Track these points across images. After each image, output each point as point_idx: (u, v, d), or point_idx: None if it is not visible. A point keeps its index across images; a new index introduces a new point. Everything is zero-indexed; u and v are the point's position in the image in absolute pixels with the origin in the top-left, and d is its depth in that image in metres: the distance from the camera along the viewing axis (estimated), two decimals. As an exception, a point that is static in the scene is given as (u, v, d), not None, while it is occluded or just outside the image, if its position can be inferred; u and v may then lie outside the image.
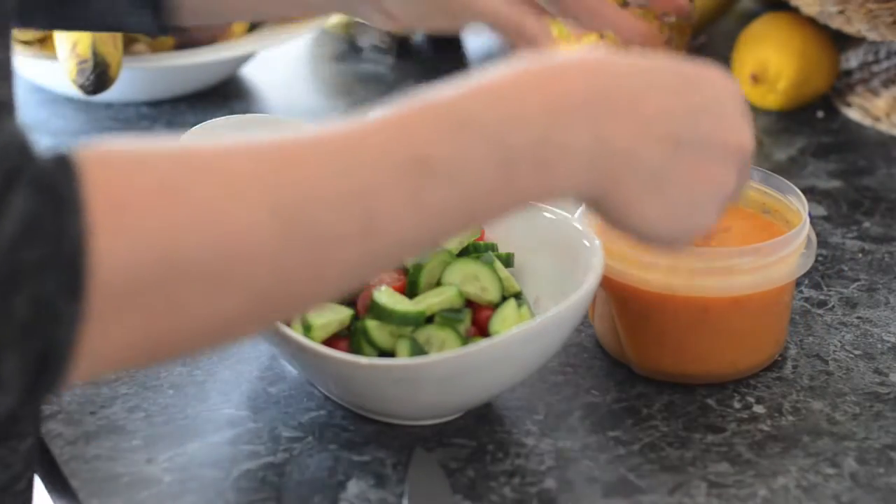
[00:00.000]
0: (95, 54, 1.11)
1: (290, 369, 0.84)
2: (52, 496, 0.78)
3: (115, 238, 0.53)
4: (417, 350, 0.76)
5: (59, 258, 0.52)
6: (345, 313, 0.78)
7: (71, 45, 1.12)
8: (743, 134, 0.67)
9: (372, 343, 0.77)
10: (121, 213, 0.53)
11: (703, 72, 0.68)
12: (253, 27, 1.29)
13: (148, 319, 0.54)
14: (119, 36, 1.13)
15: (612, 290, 0.83)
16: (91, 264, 0.52)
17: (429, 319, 0.78)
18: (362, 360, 0.73)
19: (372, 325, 0.77)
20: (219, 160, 0.57)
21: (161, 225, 0.54)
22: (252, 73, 1.29)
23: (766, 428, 0.80)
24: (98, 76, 1.11)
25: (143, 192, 0.54)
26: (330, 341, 0.77)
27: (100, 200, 0.53)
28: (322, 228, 0.57)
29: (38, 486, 0.80)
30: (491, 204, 0.61)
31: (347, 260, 0.58)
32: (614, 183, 0.63)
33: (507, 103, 0.61)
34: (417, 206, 0.58)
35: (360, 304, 0.79)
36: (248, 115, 0.96)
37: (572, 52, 0.64)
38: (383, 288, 0.78)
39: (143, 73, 1.19)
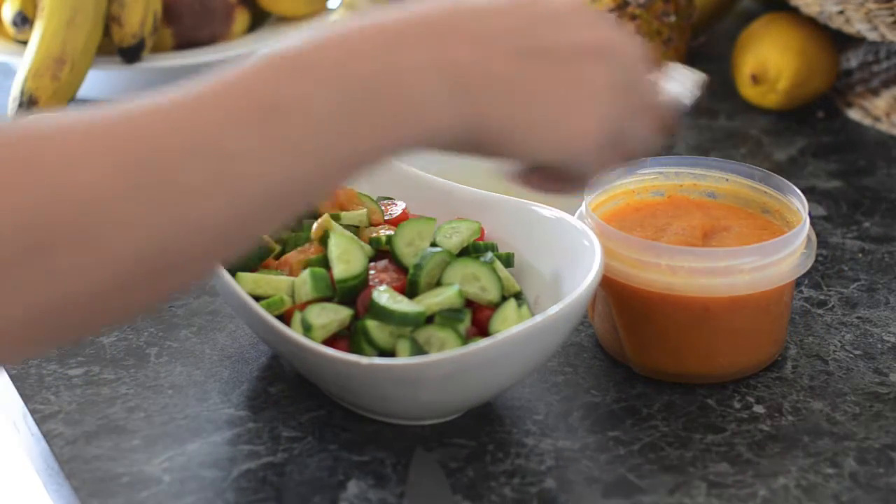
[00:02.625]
0: (23, 92, 1.10)
1: (290, 369, 0.84)
2: (52, 496, 0.78)
3: None
4: (417, 350, 0.76)
5: None
6: (345, 313, 0.78)
7: (14, 81, 1.12)
8: (593, 29, 0.67)
9: (372, 343, 0.77)
10: None
11: None
12: (253, 27, 1.29)
13: (23, 294, 0.55)
14: (68, 64, 1.12)
15: (612, 290, 0.83)
16: None
17: (429, 319, 0.78)
18: (362, 360, 0.73)
19: (372, 325, 0.77)
20: (62, 129, 0.57)
21: (12, 198, 0.54)
22: (252, 73, 1.29)
23: (766, 428, 0.80)
24: (25, 114, 1.10)
25: None
26: (330, 341, 0.77)
27: None
28: (175, 180, 0.57)
29: (39, 486, 0.80)
30: (350, 146, 0.61)
31: (215, 213, 0.58)
32: (481, 108, 0.63)
33: (345, 42, 0.62)
34: (272, 149, 0.59)
35: (360, 304, 0.79)
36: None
37: None
38: (383, 288, 0.78)
39: (143, 73, 1.19)
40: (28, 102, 1.09)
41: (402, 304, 0.77)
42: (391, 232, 0.84)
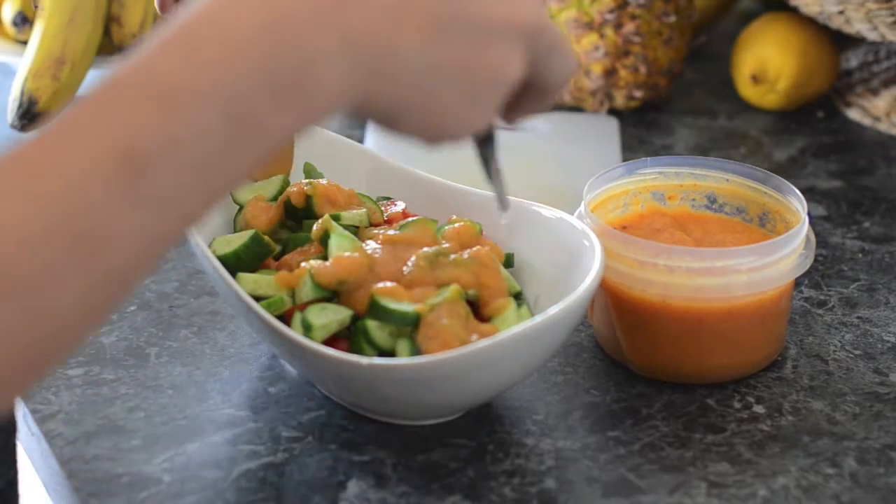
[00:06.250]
0: (23, 92, 1.10)
1: (290, 369, 0.84)
2: (52, 496, 0.78)
3: None
4: (417, 350, 0.76)
5: None
6: (345, 313, 0.78)
7: (14, 81, 1.11)
8: (523, 6, 0.59)
9: (372, 343, 0.77)
10: None
11: None
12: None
13: None
14: (68, 64, 1.11)
15: (611, 292, 0.83)
16: None
17: (429, 319, 0.78)
18: (362, 360, 0.73)
19: (372, 325, 0.77)
20: None
21: None
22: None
23: (766, 428, 0.80)
24: (24, 115, 1.09)
25: None
26: (330, 341, 0.77)
27: None
28: (24, 277, 0.48)
29: (39, 486, 0.80)
30: (237, 159, 0.53)
31: (73, 301, 0.49)
32: (375, 86, 0.56)
33: (216, 45, 0.52)
34: (142, 206, 0.50)
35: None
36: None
37: None
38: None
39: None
40: (28, 102, 1.09)
41: (402, 304, 0.77)
42: (391, 232, 0.84)
